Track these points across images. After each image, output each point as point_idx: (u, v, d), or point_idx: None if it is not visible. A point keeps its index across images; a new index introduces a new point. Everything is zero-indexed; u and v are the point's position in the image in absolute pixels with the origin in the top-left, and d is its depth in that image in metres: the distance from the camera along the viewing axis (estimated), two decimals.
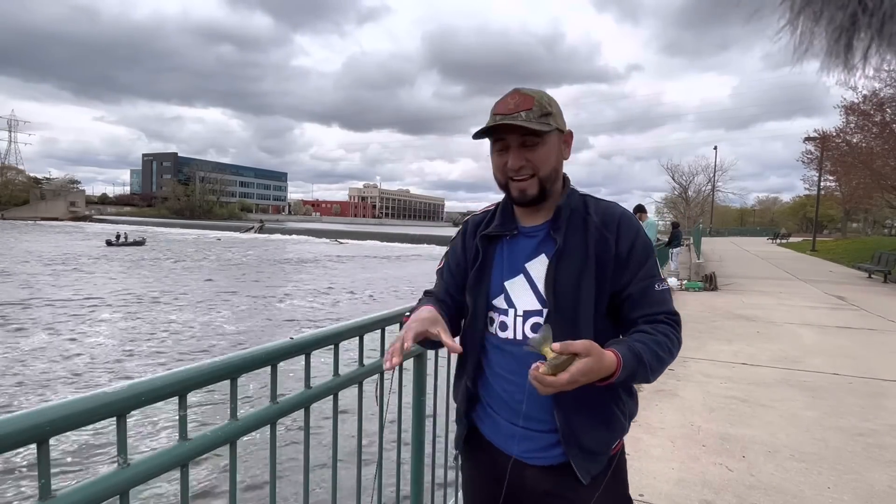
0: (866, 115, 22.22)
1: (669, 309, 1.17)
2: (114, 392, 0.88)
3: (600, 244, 1.17)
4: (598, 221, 1.19)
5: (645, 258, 1.18)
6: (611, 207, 1.23)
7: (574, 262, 1.16)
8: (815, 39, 0.40)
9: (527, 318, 1.19)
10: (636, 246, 1.17)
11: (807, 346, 6.23)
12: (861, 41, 0.38)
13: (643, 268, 1.17)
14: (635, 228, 1.20)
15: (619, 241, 1.17)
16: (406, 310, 1.83)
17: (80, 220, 79.99)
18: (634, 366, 1.04)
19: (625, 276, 1.16)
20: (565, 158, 1.23)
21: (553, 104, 1.17)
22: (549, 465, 1.18)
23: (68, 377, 8.20)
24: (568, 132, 1.22)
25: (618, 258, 1.16)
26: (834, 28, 0.38)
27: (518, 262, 1.21)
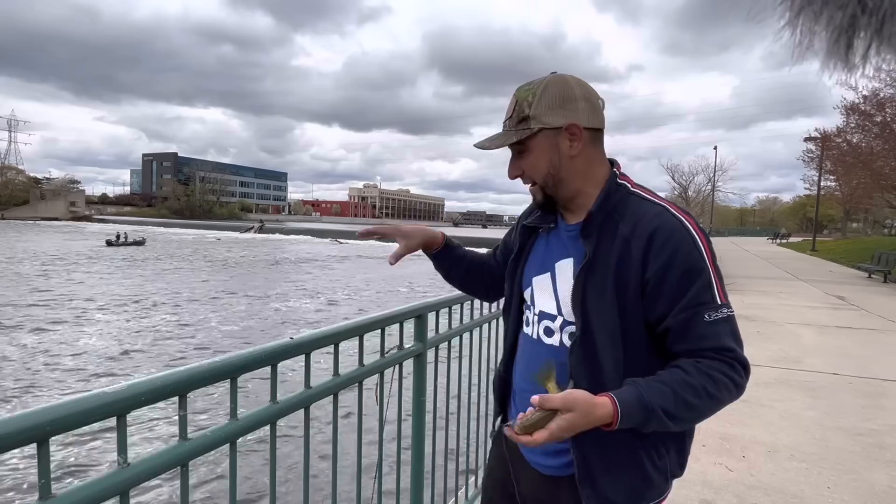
0: (866, 114, 22.23)
1: (721, 344, 0.94)
2: (114, 392, 0.88)
3: (623, 260, 0.99)
4: (627, 231, 1.00)
5: (687, 283, 0.95)
6: (648, 215, 1.00)
7: (598, 275, 1.00)
8: (815, 39, 0.40)
9: (541, 319, 1.12)
10: (672, 268, 0.95)
11: (807, 345, 6.23)
12: (861, 41, 0.38)
13: (685, 296, 0.95)
14: (673, 246, 0.96)
15: (647, 260, 0.97)
16: (407, 309, 1.84)
17: (80, 220, 79.99)
18: (640, 414, 0.90)
19: (660, 305, 0.97)
20: (572, 155, 1.04)
21: (543, 99, 1.03)
22: (546, 474, 1.11)
23: (68, 376, 8.20)
24: (570, 125, 1.02)
25: (646, 282, 0.97)
26: (834, 28, 0.38)
27: (550, 260, 1.12)
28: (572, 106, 1.03)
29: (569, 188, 1.08)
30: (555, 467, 1.10)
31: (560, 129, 1.03)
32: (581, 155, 1.05)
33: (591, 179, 1.07)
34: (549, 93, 1.03)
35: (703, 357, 0.95)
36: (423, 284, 21.47)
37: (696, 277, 0.96)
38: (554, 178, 1.07)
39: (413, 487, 2.01)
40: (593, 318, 1.00)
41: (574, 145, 1.04)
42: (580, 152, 1.04)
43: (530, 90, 1.04)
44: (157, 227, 65.94)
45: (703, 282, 0.96)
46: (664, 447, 1.04)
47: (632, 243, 0.99)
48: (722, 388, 0.94)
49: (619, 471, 1.02)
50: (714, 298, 0.96)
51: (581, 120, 1.03)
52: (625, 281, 0.99)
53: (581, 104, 1.03)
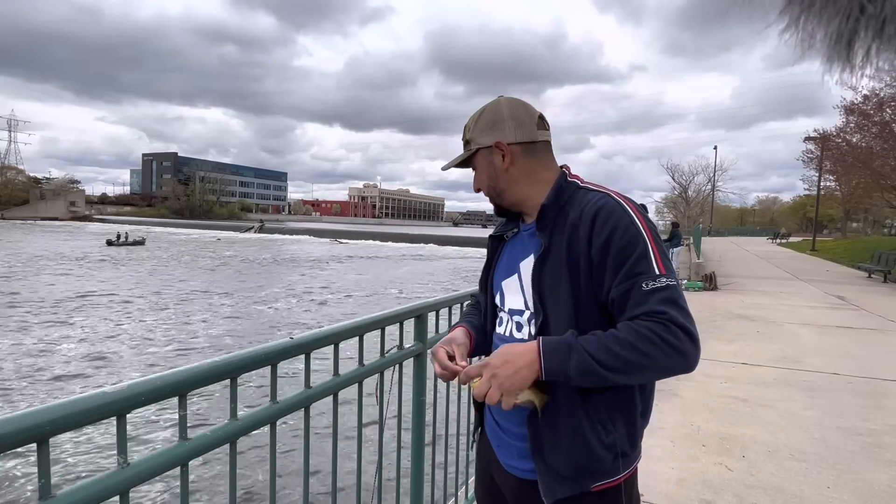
0: (866, 114, 22.23)
1: (653, 309, 0.97)
2: (114, 392, 0.88)
3: (572, 242, 1.07)
4: (575, 217, 1.09)
5: (625, 256, 1.01)
6: (592, 201, 1.09)
7: (553, 263, 1.09)
8: (816, 40, 0.40)
9: (512, 315, 1.20)
10: (612, 243, 1.02)
11: (807, 345, 6.23)
12: (862, 42, 0.38)
13: (623, 267, 1.01)
14: (613, 224, 1.04)
15: (592, 238, 1.05)
16: (407, 309, 1.84)
17: (80, 220, 79.99)
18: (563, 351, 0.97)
19: (605, 280, 1.03)
20: (505, 167, 1.16)
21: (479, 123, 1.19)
22: (522, 478, 1.15)
23: (68, 376, 8.20)
24: (497, 143, 1.15)
25: (592, 260, 1.04)
26: (835, 29, 0.38)
27: (515, 262, 1.21)
28: (500, 126, 1.17)
29: (512, 196, 1.20)
30: (528, 470, 1.13)
31: (491, 147, 1.17)
32: (515, 166, 1.17)
33: (536, 184, 1.18)
34: (483, 117, 1.19)
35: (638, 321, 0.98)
36: (424, 284, 21.47)
37: (633, 250, 1.02)
38: (495, 189, 1.21)
39: (413, 487, 2.01)
40: (549, 303, 1.09)
41: (505, 160, 1.17)
42: (512, 164, 1.17)
43: (473, 117, 1.21)
44: (157, 226, 65.93)
45: (639, 253, 1.02)
46: (611, 423, 1.07)
47: (579, 228, 1.08)
48: (650, 344, 0.95)
49: (565, 445, 1.06)
50: (651, 269, 1.01)
51: (507, 137, 1.16)
52: (575, 263, 1.07)
53: (508, 123, 1.16)
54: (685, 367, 0.99)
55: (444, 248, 47.58)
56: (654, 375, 1.03)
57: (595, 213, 1.06)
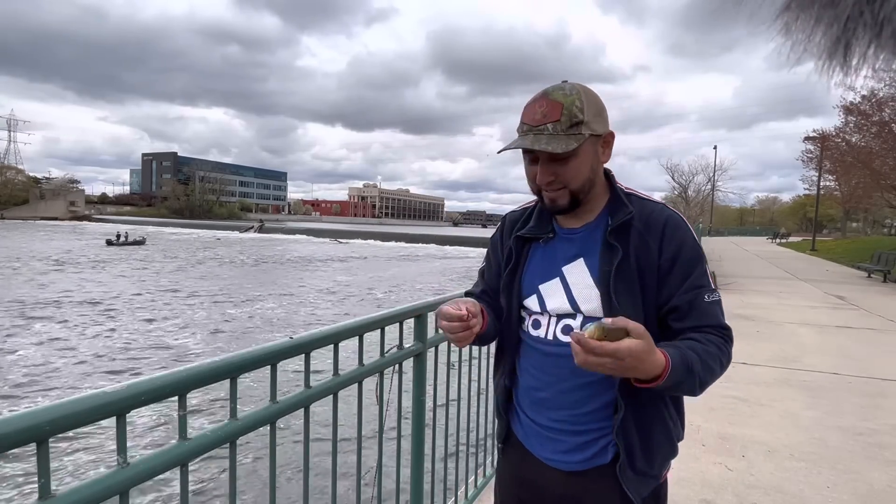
0: (865, 114, 22.24)
1: (720, 322, 1.07)
2: (113, 392, 0.88)
3: (642, 251, 1.08)
4: (642, 226, 1.10)
5: (692, 267, 1.08)
6: (656, 211, 1.12)
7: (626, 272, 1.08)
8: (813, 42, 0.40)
9: (559, 319, 1.15)
10: (682, 254, 1.08)
11: (806, 345, 6.23)
12: (860, 44, 0.38)
13: (690, 277, 1.08)
14: (681, 234, 1.10)
15: (662, 248, 1.08)
16: (407, 309, 1.84)
17: (79, 220, 79.97)
18: (683, 373, 0.97)
19: (669, 287, 1.08)
20: (604, 161, 1.13)
21: (588, 106, 1.06)
22: (570, 470, 1.15)
23: (67, 376, 8.20)
24: (608, 133, 1.11)
25: (661, 268, 1.08)
26: (832, 31, 0.39)
27: (554, 265, 1.16)
28: (605, 115, 1.11)
29: (592, 192, 1.14)
30: (579, 461, 1.14)
31: (600, 136, 1.10)
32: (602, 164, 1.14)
33: (601, 182, 1.15)
34: (591, 101, 1.07)
35: (707, 332, 1.06)
36: (424, 284, 21.48)
37: (698, 264, 1.10)
38: (590, 184, 1.12)
39: (413, 487, 2.01)
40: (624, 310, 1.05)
41: (606, 152, 1.13)
42: (607, 159, 1.14)
43: (573, 96, 1.05)
44: (156, 226, 65.90)
45: (702, 268, 1.10)
46: (679, 416, 1.18)
47: (646, 237, 1.09)
48: (726, 357, 1.06)
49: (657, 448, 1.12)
50: (709, 283, 1.10)
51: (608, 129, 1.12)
52: (643, 271, 1.09)
53: (605, 113, 1.11)
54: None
55: (443, 248, 47.57)
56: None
57: (664, 225, 1.10)
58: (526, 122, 1.07)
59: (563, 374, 1.13)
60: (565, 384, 1.13)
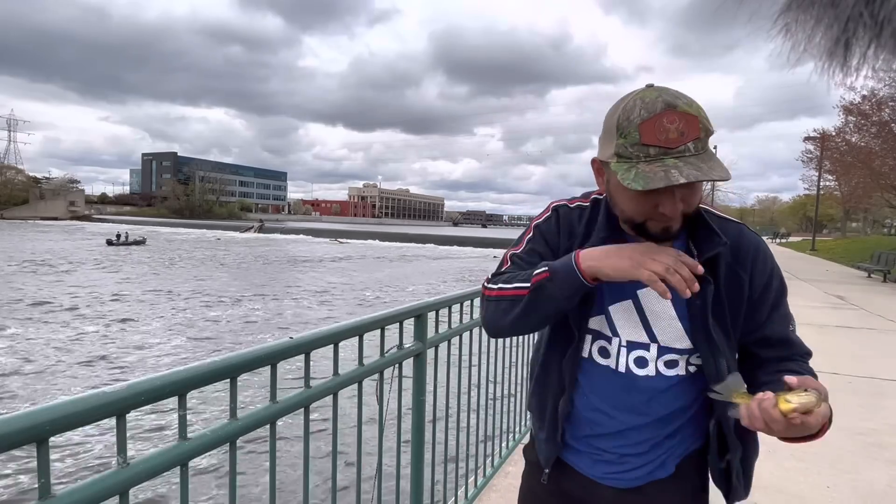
0: (865, 114, 22.25)
1: (806, 350, 1.06)
2: (113, 391, 0.88)
3: (732, 282, 0.99)
4: (730, 255, 0.99)
5: (780, 298, 1.05)
6: (744, 237, 1.03)
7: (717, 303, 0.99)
8: (814, 42, 0.40)
9: (631, 349, 1.03)
10: (771, 285, 1.03)
11: (806, 345, 6.23)
12: (859, 44, 0.38)
13: (778, 309, 1.04)
14: (771, 264, 1.04)
15: (753, 279, 1.01)
16: (407, 309, 1.84)
17: (79, 220, 79.97)
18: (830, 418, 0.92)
19: (758, 317, 1.03)
20: None
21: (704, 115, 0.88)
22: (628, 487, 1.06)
23: (67, 376, 8.20)
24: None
25: (750, 299, 1.02)
26: (832, 31, 0.39)
27: (629, 287, 1.01)
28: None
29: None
30: (634, 478, 1.06)
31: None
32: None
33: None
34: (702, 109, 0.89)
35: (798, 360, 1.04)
36: (423, 284, 21.48)
37: (785, 293, 1.08)
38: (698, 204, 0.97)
39: (413, 487, 2.01)
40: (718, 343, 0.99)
41: None
42: None
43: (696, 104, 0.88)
44: (156, 226, 65.89)
45: (786, 298, 1.08)
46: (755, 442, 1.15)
47: (736, 266, 1.01)
48: None
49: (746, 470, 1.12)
50: (790, 313, 1.09)
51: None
52: (733, 302, 1.01)
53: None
54: None
55: (445, 247, 47.57)
56: None
57: (755, 253, 1.03)
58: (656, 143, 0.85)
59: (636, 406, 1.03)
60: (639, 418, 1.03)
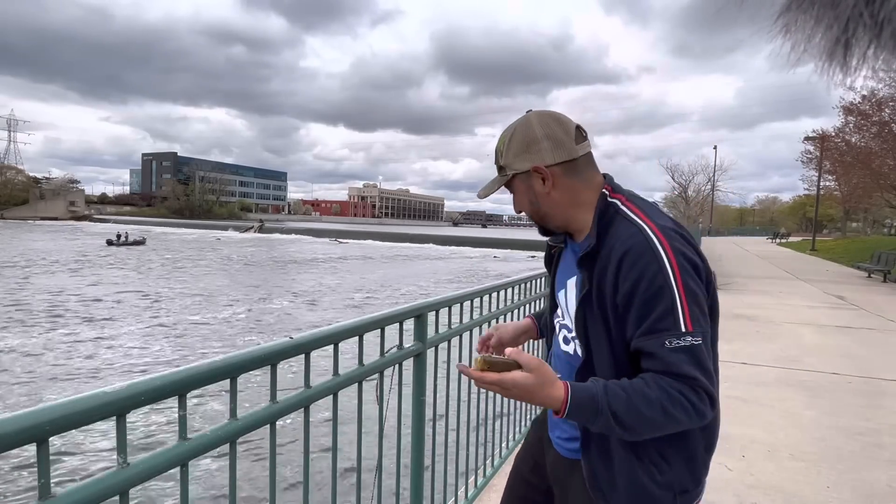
0: (865, 115, 22.24)
1: (681, 372, 0.94)
2: (113, 392, 0.88)
3: (602, 284, 1.04)
4: (605, 254, 1.04)
5: (649, 309, 0.96)
6: (623, 237, 1.02)
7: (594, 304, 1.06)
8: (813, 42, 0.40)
9: (561, 328, 1.23)
10: (636, 293, 0.97)
11: (806, 345, 6.23)
12: (859, 44, 0.38)
13: (647, 320, 0.96)
14: (639, 270, 0.97)
15: (618, 284, 1.00)
16: (407, 309, 1.84)
17: (79, 220, 79.93)
18: (589, 412, 0.94)
19: (628, 328, 1.00)
20: (547, 192, 1.10)
21: (512, 147, 1.10)
22: (566, 457, 1.20)
23: (66, 376, 8.20)
24: (536, 168, 1.08)
25: (617, 306, 1.01)
26: (832, 31, 0.39)
27: (564, 276, 1.21)
28: (535, 148, 1.09)
29: (556, 219, 1.15)
30: (572, 450, 1.18)
31: (528, 171, 1.10)
32: (557, 189, 1.10)
33: (580, 206, 1.12)
34: (515, 140, 1.11)
35: (665, 379, 0.95)
36: (423, 285, 21.45)
37: (658, 303, 0.96)
38: (538, 213, 1.15)
39: (413, 487, 2.01)
40: (594, 340, 1.07)
41: (546, 183, 1.10)
42: (554, 187, 1.10)
43: (503, 139, 1.14)
44: (156, 226, 65.88)
45: (665, 307, 0.96)
46: (665, 462, 1.04)
47: (607, 269, 1.02)
48: (679, 407, 0.94)
49: (621, 486, 1.06)
50: (677, 325, 0.95)
51: (545, 160, 1.08)
52: (603, 300, 1.04)
53: (543, 144, 1.08)
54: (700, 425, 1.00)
55: (445, 247, 47.53)
56: (668, 432, 0.99)
57: (622, 256, 1.00)
58: None
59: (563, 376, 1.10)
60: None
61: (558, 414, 0.95)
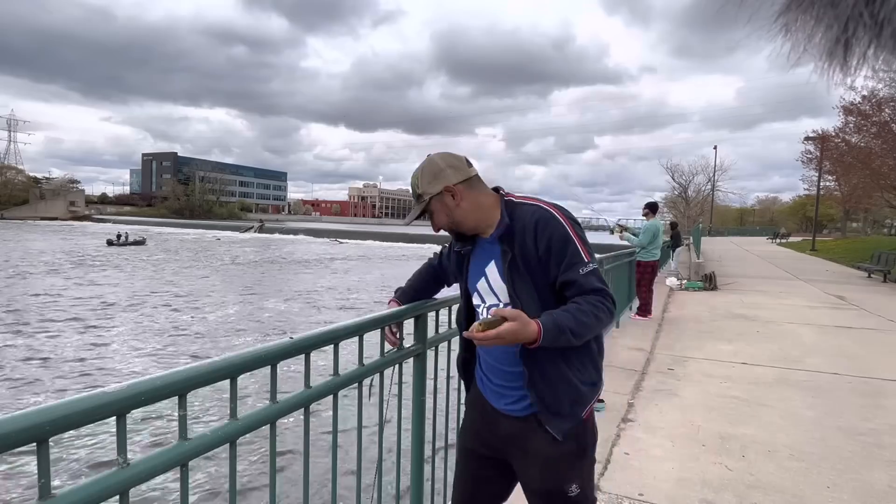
0: (865, 115, 22.23)
1: (594, 287, 1.39)
2: (114, 392, 0.88)
3: (524, 248, 1.43)
4: (520, 228, 1.44)
5: (562, 251, 1.40)
6: (527, 214, 1.44)
7: (517, 265, 1.44)
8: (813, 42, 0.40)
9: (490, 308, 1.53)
10: (552, 245, 1.40)
11: (806, 345, 6.23)
12: (859, 44, 0.38)
13: (563, 260, 1.40)
14: (550, 228, 1.41)
15: (537, 243, 1.41)
16: (407, 309, 1.84)
17: (79, 220, 79.89)
18: (556, 334, 1.31)
19: (552, 270, 1.42)
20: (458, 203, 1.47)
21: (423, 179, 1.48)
22: (516, 416, 1.52)
23: (67, 376, 8.20)
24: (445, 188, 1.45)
25: (541, 259, 1.41)
26: (832, 31, 0.39)
27: (481, 269, 1.54)
28: (442, 175, 1.47)
29: (468, 223, 1.51)
30: (521, 409, 1.51)
31: (441, 192, 1.46)
32: (464, 200, 1.47)
33: (483, 209, 1.49)
34: (426, 173, 1.49)
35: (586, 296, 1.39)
36: None
37: (568, 248, 1.41)
38: (454, 223, 1.50)
39: (413, 487, 2.01)
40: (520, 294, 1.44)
41: (455, 198, 1.47)
42: (462, 199, 1.47)
43: (415, 176, 1.51)
44: (157, 226, 65.88)
45: (572, 250, 1.41)
46: (582, 366, 1.47)
47: (525, 235, 1.43)
48: (602, 311, 1.38)
49: (561, 391, 1.45)
50: (582, 259, 1.41)
51: (451, 181, 1.46)
52: (529, 263, 1.43)
53: (447, 171, 1.47)
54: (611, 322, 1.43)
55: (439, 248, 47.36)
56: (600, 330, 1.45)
57: (535, 224, 1.41)
58: None
59: (495, 350, 1.52)
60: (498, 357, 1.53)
61: (535, 343, 1.30)
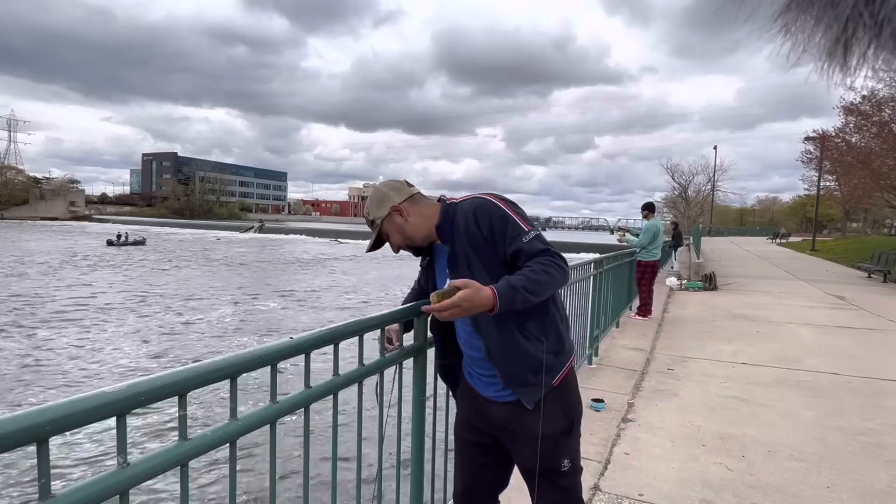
0: (865, 115, 22.23)
1: (538, 249, 1.50)
2: (114, 392, 0.88)
3: (471, 237, 1.55)
4: (462, 223, 1.57)
5: (504, 227, 1.52)
6: (466, 207, 1.58)
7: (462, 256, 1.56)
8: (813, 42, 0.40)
9: None
10: (493, 224, 1.53)
11: (806, 345, 6.23)
12: (859, 44, 0.38)
13: (506, 234, 1.52)
14: (487, 212, 1.54)
15: (480, 228, 1.54)
16: (407, 308, 1.84)
17: (79, 220, 79.87)
18: (510, 293, 1.40)
19: (500, 247, 1.53)
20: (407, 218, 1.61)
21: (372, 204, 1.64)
22: (505, 401, 1.62)
23: (67, 376, 8.20)
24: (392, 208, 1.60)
25: (486, 240, 1.53)
26: (832, 31, 0.39)
27: (442, 272, 1.66)
28: (387, 199, 1.63)
29: (420, 236, 1.64)
30: (508, 394, 1.61)
31: (389, 213, 1.62)
32: (411, 216, 1.62)
33: (431, 218, 1.63)
34: (373, 200, 1.65)
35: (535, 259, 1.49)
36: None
37: (508, 223, 1.53)
38: (408, 238, 1.64)
39: (413, 487, 2.01)
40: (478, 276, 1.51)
41: (407, 216, 1.62)
42: (409, 215, 1.62)
43: (367, 206, 1.67)
44: (157, 226, 65.86)
45: (511, 224, 1.53)
46: (544, 335, 1.56)
47: (468, 225, 1.55)
48: (553, 268, 1.47)
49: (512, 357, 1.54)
50: (523, 229, 1.52)
51: (395, 201, 1.62)
52: (479, 245, 1.54)
53: (391, 194, 1.63)
54: (567, 278, 1.55)
55: None
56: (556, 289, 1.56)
57: (475, 211, 1.55)
58: None
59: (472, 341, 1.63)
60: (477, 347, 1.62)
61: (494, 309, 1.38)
